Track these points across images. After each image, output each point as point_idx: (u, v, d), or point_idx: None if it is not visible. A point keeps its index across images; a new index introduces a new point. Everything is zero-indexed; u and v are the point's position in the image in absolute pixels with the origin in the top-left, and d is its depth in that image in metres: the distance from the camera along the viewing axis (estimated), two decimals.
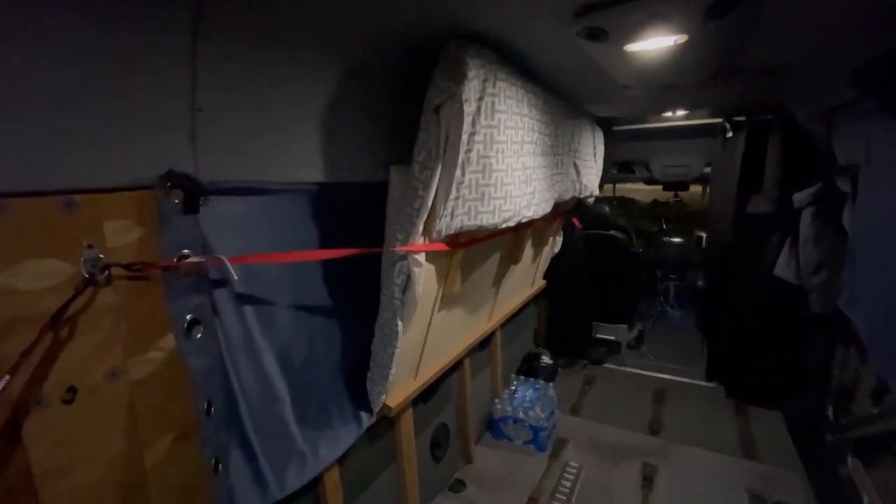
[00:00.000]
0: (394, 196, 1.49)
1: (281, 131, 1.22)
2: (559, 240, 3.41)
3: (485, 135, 1.39)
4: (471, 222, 1.51)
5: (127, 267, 0.87)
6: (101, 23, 0.78)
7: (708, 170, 3.90)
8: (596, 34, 1.20)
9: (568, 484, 2.43)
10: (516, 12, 1.16)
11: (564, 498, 2.32)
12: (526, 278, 3.09)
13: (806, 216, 2.69)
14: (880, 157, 1.80)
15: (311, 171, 1.33)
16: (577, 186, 2.59)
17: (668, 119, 3.30)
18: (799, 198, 2.72)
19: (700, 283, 3.94)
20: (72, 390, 0.85)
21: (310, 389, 1.45)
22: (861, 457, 2.31)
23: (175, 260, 0.94)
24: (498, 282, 2.50)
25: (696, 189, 6.17)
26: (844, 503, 2.22)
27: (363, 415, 1.67)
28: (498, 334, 2.94)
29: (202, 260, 0.96)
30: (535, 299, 3.54)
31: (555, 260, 3.45)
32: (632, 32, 1.22)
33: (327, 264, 1.47)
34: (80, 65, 0.78)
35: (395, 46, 1.35)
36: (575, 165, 2.56)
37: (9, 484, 0.79)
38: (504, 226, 1.61)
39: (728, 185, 3.21)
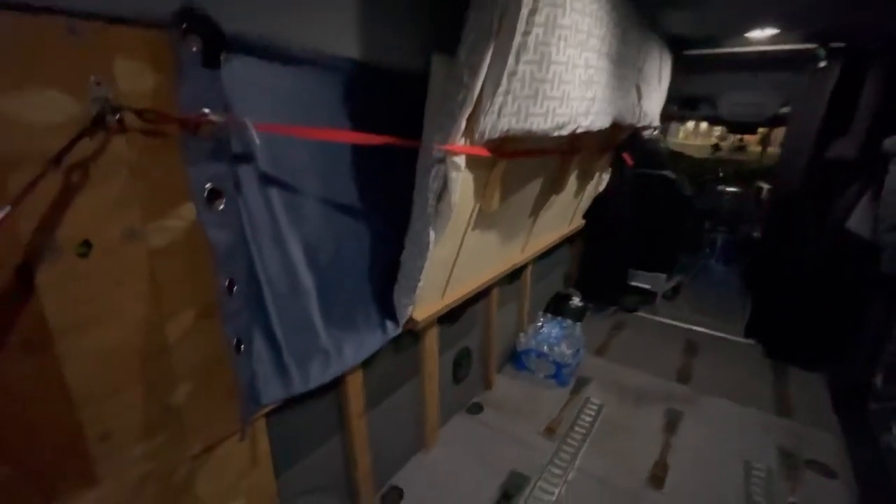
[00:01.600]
0: (434, 90, 1.32)
1: None
2: (605, 177, 3.17)
3: (547, 15, 1.19)
4: (519, 125, 1.34)
5: (140, 114, 0.78)
6: None
7: (784, 110, 3.45)
8: None
9: (588, 419, 2.41)
10: None
11: (584, 431, 2.31)
12: (565, 214, 2.92)
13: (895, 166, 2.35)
14: None
15: (347, 45, 1.18)
16: (637, 112, 2.33)
17: (749, 43, 2.87)
18: (891, 143, 2.36)
19: (756, 234, 3.64)
20: (86, 244, 0.80)
21: (336, 289, 1.40)
22: None
23: (195, 116, 0.84)
24: (536, 212, 2.35)
25: (754, 149, 5.55)
26: (882, 471, 2.11)
27: (389, 324, 1.64)
28: (529, 268, 2.83)
29: (223, 120, 0.86)
30: (570, 240, 3.38)
31: (597, 200, 3.24)
32: None
33: (359, 159, 1.35)
34: None
35: None
36: (637, 87, 2.28)
37: (25, 334, 0.77)
38: (556, 133, 1.43)
39: (808, 126, 2.83)
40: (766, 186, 4.44)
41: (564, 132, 1.46)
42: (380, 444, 1.80)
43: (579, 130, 1.54)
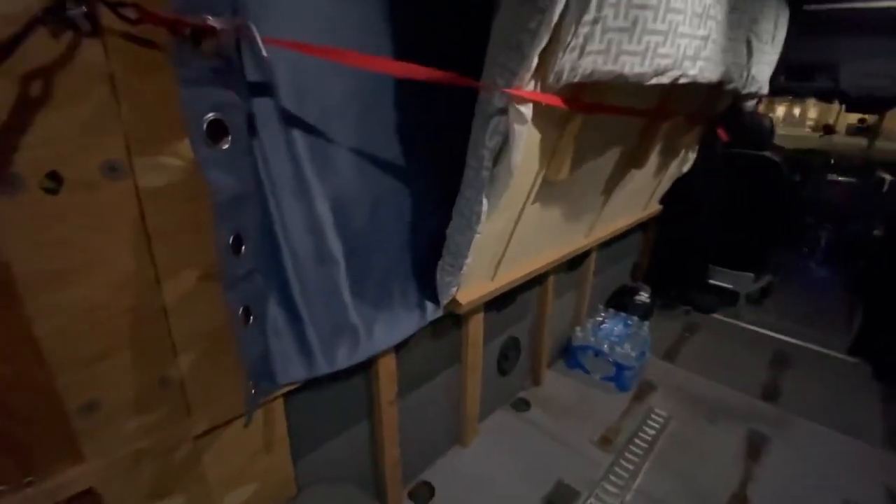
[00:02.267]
0: (501, 16, 1.05)
1: None
2: (691, 157, 2.72)
3: None
4: (607, 66, 1.05)
5: (114, 7, 0.60)
6: None
7: None
8: None
9: (651, 431, 2.09)
10: None
11: (646, 445, 2.00)
12: (641, 195, 2.54)
13: None
14: None
15: None
16: (745, 74, 1.90)
17: None
18: None
19: (877, 232, 3.03)
20: (55, 177, 0.65)
21: (369, 259, 1.21)
22: None
23: (191, 20, 0.65)
24: (609, 189, 2.02)
25: (853, 139, 4.48)
26: None
27: (429, 305, 1.43)
28: (593, 256, 2.51)
29: (228, 28, 0.66)
30: (642, 227, 2.98)
31: (679, 182, 2.80)
32: None
33: (403, 101, 1.13)
34: None
35: None
36: (749, 42, 1.84)
37: None
38: (654, 80, 1.12)
39: None
40: (888, 177, 3.70)
41: (665, 79, 1.14)
42: (411, 435, 1.63)
43: (683, 80, 1.21)
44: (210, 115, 0.72)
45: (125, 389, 0.83)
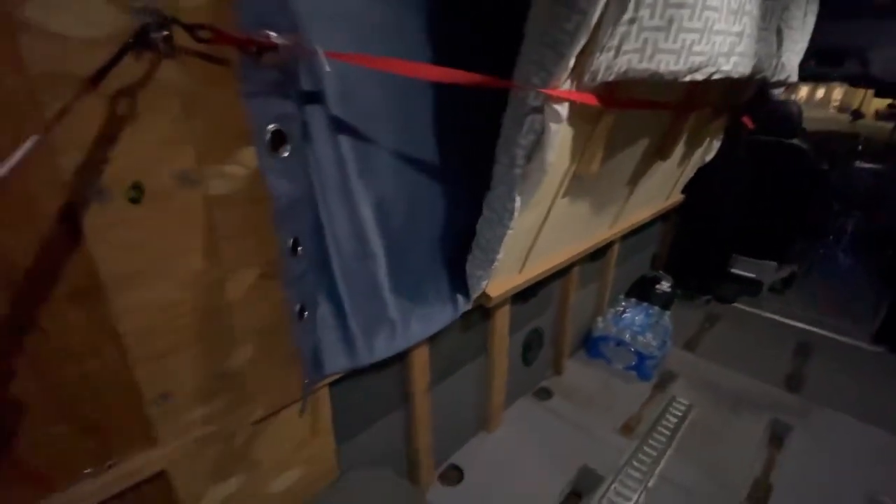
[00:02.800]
0: (537, 15, 1.06)
1: None
2: (716, 145, 2.69)
3: None
4: (643, 64, 1.06)
5: (191, 30, 0.64)
6: None
7: None
8: None
9: (673, 420, 2.13)
10: None
11: (668, 433, 2.04)
12: (664, 185, 2.54)
13: None
14: None
15: None
16: (775, 62, 1.87)
17: None
18: None
19: None
20: (138, 187, 0.70)
21: (406, 257, 1.26)
22: None
23: (257, 37, 0.69)
24: (635, 180, 2.03)
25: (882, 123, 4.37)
26: None
27: (460, 298, 1.47)
28: (616, 247, 2.52)
29: (291, 45, 0.70)
30: (663, 217, 2.97)
31: (702, 170, 2.78)
32: None
33: (438, 102, 1.16)
34: None
35: None
36: (779, 30, 1.82)
37: (73, 284, 0.69)
38: (689, 77, 1.13)
39: None
40: None
41: (699, 76, 1.15)
42: (441, 421, 1.69)
43: (717, 76, 1.21)
44: (272, 126, 0.76)
45: (193, 380, 0.90)
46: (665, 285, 2.98)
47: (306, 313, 0.96)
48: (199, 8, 0.68)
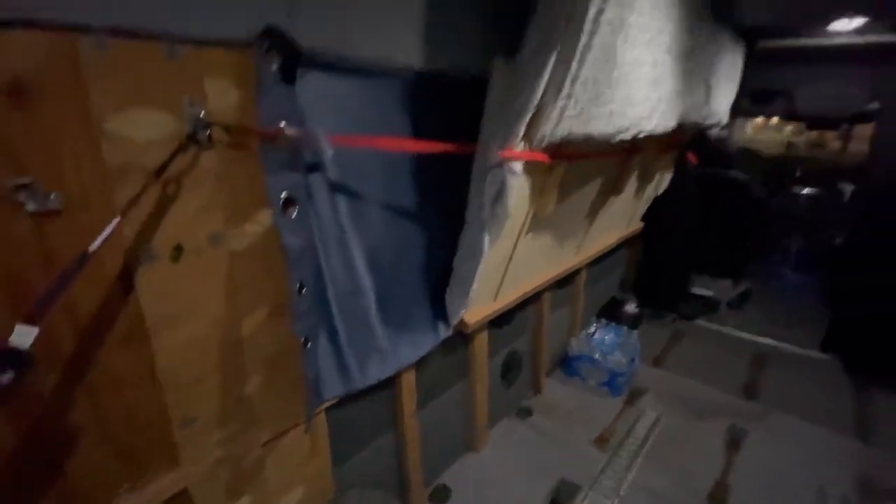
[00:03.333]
0: (494, 93, 1.32)
1: (381, 4, 1.09)
2: (667, 178, 3.01)
3: (615, 15, 1.15)
4: (580, 129, 1.31)
5: (227, 129, 0.85)
6: None
7: (872, 106, 3.11)
8: None
9: (643, 430, 2.31)
10: None
11: (638, 442, 2.22)
12: (623, 215, 2.81)
13: None
14: None
15: (409, 54, 1.21)
16: (704, 110, 2.20)
17: (832, 36, 2.61)
18: None
19: (838, 240, 3.32)
20: (179, 248, 0.88)
21: (394, 291, 1.44)
22: None
23: (275, 130, 0.90)
24: (593, 213, 2.28)
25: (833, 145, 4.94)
26: None
27: (441, 325, 1.66)
28: (583, 272, 2.76)
29: (300, 134, 0.91)
30: (627, 242, 3.25)
31: (657, 200, 3.09)
32: None
33: (418, 164, 1.38)
34: None
35: None
36: (706, 83, 2.15)
37: (125, 331, 0.86)
38: (618, 138, 1.39)
39: None
40: (849, 188, 4.03)
41: (626, 136, 1.41)
42: (430, 443, 1.84)
43: (642, 135, 1.48)
44: (285, 194, 0.96)
45: (213, 406, 1.05)
46: (632, 306, 3.23)
47: (310, 344, 1.13)
48: (230, 108, 0.89)
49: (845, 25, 2.43)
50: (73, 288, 0.69)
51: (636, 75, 1.32)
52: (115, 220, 0.71)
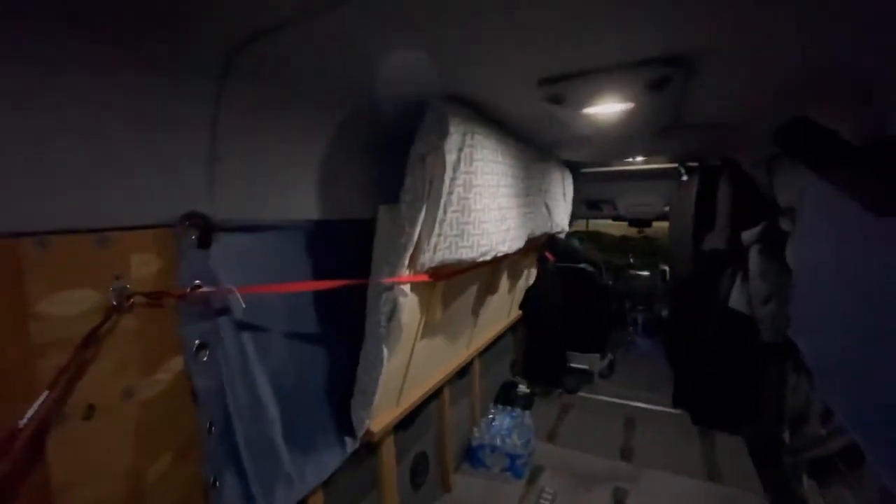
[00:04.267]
0: (381, 232, 1.64)
1: (283, 176, 1.37)
2: (533, 272, 3.60)
3: (464, 180, 1.58)
4: (451, 256, 1.66)
5: (148, 296, 0.98)
6: (140, 94, 0.93)
7: (666, 208, 4.22)
8: (556, 99, 1.42)
9: None
10: (491, 81, 1.37)
11: None
12: (502, 308, 3.25)
13: (754, 253, 2.96)
14: (811, 202, 2.08)
15: (309, 209, 1.48)
16: (549, 223, 2.81)
17: (629, 163, 3.61)
18: (747, 236, 2.99)
19: (664, 313, 4.18)
20: (91, 408, 0.93)
21: (299, 414, 1.53)
22: (815, 477, 2.48)
23: (189, 290, 1.05)
24: (476, 311, 2.65)
25: (661, 225, 6.57)
26: None
27: (347, 440, 1.75)
28: (476, 363, 3.05)
29: (214, 290, 1.08)
30: (511, 329, 3.68)
31: (529, 291, 3.63)
32: (586, 100, 1.44)
33: (318, 295, 1.59)
34: (115, 129, 0.92)
35: (385, 105, 1.54)
36: (546, 205, 2.78)
37: (29, 496, 0.86)
38: (481, 259, 1.77)
39: (685, 224, 3.50)
40: (666, 269, 5.17)
41: (488, 258, 1.81)
42: None
43: (499, 255, 1.90)
44: (198, 341, 1.09)
45: None
46: (523, 388, 3.58)
47: (217, 483, 1.17)
48: (151, 275, 1.03)
49: (636, 158, 3.40)
50: None
51: (486, 217, 1.76)
52: (45, 394, 0.78)
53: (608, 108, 1.52)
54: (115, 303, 0.93)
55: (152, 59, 0.92)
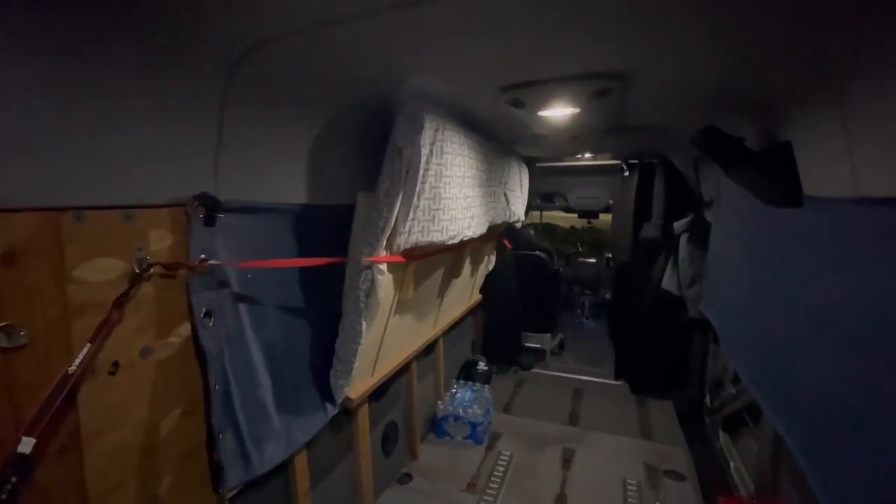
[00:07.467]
0: (360, 217, 1.81)
1: (278, 163, 1.51)
2: (493, 258, 3.88)
3: (436, 170, 1.78)
4: (424, 239, 1.87)
5: (165, 266, 1.11)
6: (163, 92, 1.06)
7: (610, 201, 4.64)
8: (517, 103, 1.66)
9: (501, 470, 2.79)
10: (461, 86, 1.58)
11: (498, 481, 2.68)
12: (465, 292, 3.49)
13: (683, 240, 3.39)
14: (724, 196, 2.46)
15: (299, 194, 1.63)
16: (508, 213, 3.07)
17: (579, 159, 3.95)
18: (677, 226, 3.41)
19: (608, 296, 4.61)
20: (115, 364, 1.06)
21: (287, 379, 1.69)
22: (729, 432, 2.93)
23: (199, 262, 1.19)
24: (442, 294, 2.87)
25: (606, 217, 7.13)
26: (717, 469, 2.80)
27: (328, 405, 1.92)
28: (441, 342, 3.28)
29: (220, 263, 1.22)
30: (472, 311, 3.95)
31: (489, 276, 3.91)
32: (542, 104, 1.69)
33: (304, 272, 1.74)
34: (142, 121, 1.05)
35: (368, 103, 1.70)
36: (505, 195, 3.04)
37: (62, 442, 0.98)
38: (450, 242, 1.99)
39: (626, 215, 3.90)
40: (609, 256, 5.63)
41: (455, 241, 2.03)
42: None
43: (466, 239, 2.13)
44: (205, 308, 1.23)
45: None
46: (482, 365, 3.86)
47: (222, 436, 1.32)
48: (166, 249, 1.15)
49: (585, 155, 3.74)
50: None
51: (454, 205, 1.97)
52: (86, 346, 0.91)
53: (560, 112, 1.77)
54: (137, 271, 1.06)
55: (175, 63, 1.05)
